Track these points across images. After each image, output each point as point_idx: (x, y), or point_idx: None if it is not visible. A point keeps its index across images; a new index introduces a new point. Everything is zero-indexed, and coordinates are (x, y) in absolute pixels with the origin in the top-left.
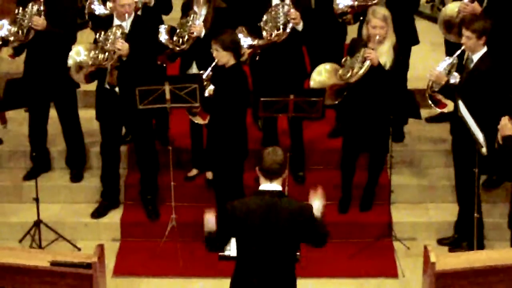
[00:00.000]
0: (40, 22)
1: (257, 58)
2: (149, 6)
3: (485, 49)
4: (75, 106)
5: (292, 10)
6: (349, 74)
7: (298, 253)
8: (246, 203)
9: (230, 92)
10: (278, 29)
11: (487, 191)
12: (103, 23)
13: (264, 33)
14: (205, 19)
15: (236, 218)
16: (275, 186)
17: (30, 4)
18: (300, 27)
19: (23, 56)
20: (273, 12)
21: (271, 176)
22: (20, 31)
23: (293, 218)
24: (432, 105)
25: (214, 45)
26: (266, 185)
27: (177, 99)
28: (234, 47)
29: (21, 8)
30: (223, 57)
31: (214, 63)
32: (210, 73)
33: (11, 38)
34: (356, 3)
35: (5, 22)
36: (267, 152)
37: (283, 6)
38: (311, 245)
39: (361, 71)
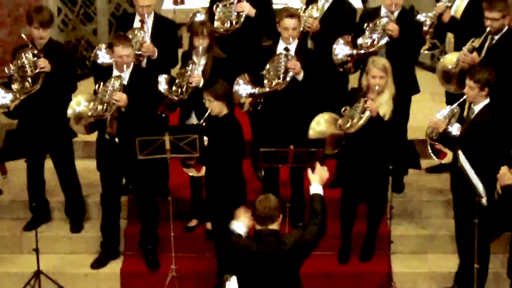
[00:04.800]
0: (46, 63)
1: (259, 107)
2: (152, 59)
3: (487, 100)
4: (71, 157)
5: (292, 60)
6: (348, 125)
7: None
8: (244, 243)
9: (224, 142)
10: (279, 78)
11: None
12: (103, 73)
13: (265, 81)
14: (204, 69)
15: (234, 257)
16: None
17: (23, 53)
18: (300, 77)
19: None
20: (275, 61)
21: (265, 221)
22: (27, 83)
23: (296, 244)
24: (433, 155)
25: (206, 95)
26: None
27: (177, 150)
28: (226, 97)
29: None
30: (215, 107)
31: (207, 114)
32: (204, 124)
33: (18, 95)
34: (355, 51)
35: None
36: (259, 199)
37: (285, 56)
38: None
39: (361, 122)
